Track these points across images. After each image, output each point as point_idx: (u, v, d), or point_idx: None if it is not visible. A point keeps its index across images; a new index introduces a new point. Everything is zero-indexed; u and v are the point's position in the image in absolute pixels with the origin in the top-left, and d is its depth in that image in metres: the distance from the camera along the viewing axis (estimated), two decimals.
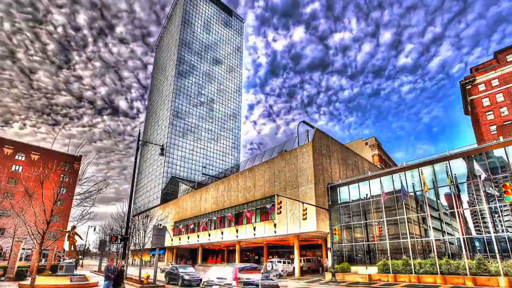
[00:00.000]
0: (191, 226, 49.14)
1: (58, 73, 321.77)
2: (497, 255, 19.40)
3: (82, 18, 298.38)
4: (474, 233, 21.47)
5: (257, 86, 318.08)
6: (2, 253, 46.02)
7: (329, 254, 29.11)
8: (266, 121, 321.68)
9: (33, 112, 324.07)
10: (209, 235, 44.25)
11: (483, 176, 20.50)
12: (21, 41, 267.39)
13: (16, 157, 59.96)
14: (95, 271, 40.35)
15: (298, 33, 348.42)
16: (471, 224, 21.76)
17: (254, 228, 35.72)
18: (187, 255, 62.36)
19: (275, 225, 32.77)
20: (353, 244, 28.54)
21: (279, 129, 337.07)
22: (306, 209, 25.84)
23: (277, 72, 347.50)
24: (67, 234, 26.18)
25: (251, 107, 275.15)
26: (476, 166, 21.01)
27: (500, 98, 52.83)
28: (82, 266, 61.11)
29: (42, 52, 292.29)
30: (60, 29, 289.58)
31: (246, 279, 13.31)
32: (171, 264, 43.29)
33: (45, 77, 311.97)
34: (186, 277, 21.72)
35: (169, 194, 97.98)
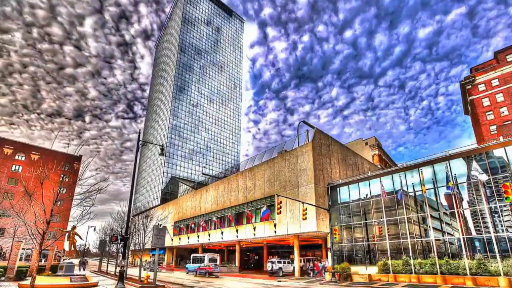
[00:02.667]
0: (191, 226, 49.15)
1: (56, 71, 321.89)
2: (497, 255, 19.41)
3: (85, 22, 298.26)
4: (474, 233, 21.47)
5: (258, 86, 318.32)
6: (2, 253, 46.04)
7: (329, 254, 29.12)
8: (266, 121, 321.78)
9: (33, 113, 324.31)
10: (209, 235, 44.25)
11: (482, 178, 20.51)
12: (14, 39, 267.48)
13: (16, 157, 59.98)
14: (95, 271, 40.36)
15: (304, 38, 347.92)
16: (471, 224, 21.76)
17: (254, 228, 35.72)
18: (187, 255, 62.36)
19: (275, 225, 32.77)
20: (353, 244, 28.54)
21: (279, 129, 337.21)
22: (306, 209, 25.85)
23: (278, 73, 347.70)
24: (67, 234, 26.19)
25: (251, 107, 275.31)
26: (474, 169, 21.01)
27: (500, 98, 52.83)
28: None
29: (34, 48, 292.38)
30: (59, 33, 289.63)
31: None
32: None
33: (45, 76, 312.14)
34: None
35: (169, 194, 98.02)
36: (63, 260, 36.08)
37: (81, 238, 27.52)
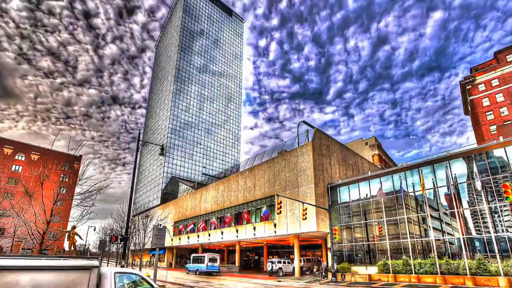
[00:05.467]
0: (191, 226, 49.16)
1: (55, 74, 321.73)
2: (497, 255, 19.41)
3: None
4: (474, 233, 21.48)
5: (258, 86, 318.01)
6: (2, 253, 46.04)
7: (329, 254, 29.12)
8: (267, 121, 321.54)
9: (33, 113, 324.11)
10: (209, 235, 44.25)
11: (479, 182, 20.53)
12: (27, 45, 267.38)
13: (16, 157, 59.98)
14: None
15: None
16: (471, 224, 21.77)
17: (254, 228, 35.73)
18: (187, 255, 62.36)
19: (275, 225, 32.77)
20: (353, 244, 28.54)
21: (280, 128, 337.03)
22: (306, 209, 25.85)
23: (279, 73, 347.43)
24: (67, 234, 26.17)
25: (252, 106, 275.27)
26: (476, 172, 21.02)
27: (500, 98, 52.84)
28: None
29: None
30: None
31: None
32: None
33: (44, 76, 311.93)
34: None
35: (169, 194, 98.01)
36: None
37: (81, 238, 27.49)
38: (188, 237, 49.84)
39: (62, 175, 34.65)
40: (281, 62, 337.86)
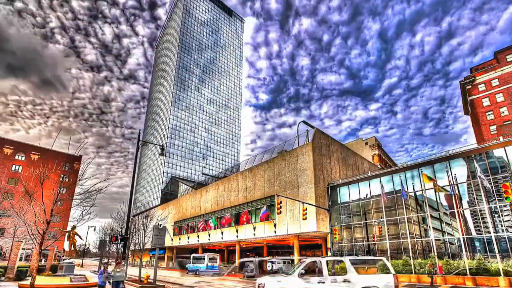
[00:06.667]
0: (191, 226, 49.15)
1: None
2: (497, 255, 19.41)
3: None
4: (474, 233, 21.48)
5: (258, 86, 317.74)
6: (2, 253, 46.07)
7: (329, 254, 29.11)
8: (267, 121, 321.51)
9: (33, 112, 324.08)
10: (209, 235, 44.25)
11: (484, 181, 20.51)
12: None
13: (16, 157, 59.98)
14: (95, 271, 40.33)
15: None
16: (471, 224, 21.76)
17: (254, 228, 35.72)
18: (187, 255, 62.34)
19: (275, 225, 32.77)
20: (353, 244, 28.53)
21: (280, 128, 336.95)
22: (306, 209, 25.85)
23: (280, 73, 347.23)
24: (67, 234, 26.19)
25: (252, 106, 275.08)
26: (479, 173, 21.01)
27: (500, 98, 52.83)
28: (82, 266, 61.12)
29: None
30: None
31: None
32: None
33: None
34: None
35: (169, 194, 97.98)
36: (63, 260, 36.09)
37: (81, 238, 27.53)
38: (188, 237, 49.84)
39: (62, 175, 34.66)
40: (340, 57, 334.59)
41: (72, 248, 25.99)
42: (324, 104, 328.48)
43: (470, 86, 57.26)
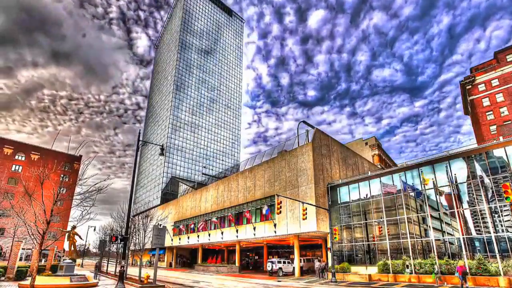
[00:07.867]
0: (191, 226, 49.15)
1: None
2: (497, 255, 19.41)
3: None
4: (474, 233, 21.48)
5: (258, 85, 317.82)
6: (2, 253, 46.08)
7: (329, 254, 29.11)
8: (267, 121, 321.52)
9: (33, 112, 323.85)
10: (209, 235, 44.25)
11: (488, 180, 20.51)
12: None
13: (16, 157, 59.98)
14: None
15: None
16: (471, 224, 21.76)
17: (254, 228, 35.72)
18: (187, 255, 62.37)
19: (275, 225, 32.77)
20: (353, 244, 28.54)
21: (280, 128, 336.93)
22: (306, 209, 25.84)
23: (279, 72, 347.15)
24: (67, 234, 26.17)
25: (252, 106, 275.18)
26: (480, 172, 21.01)
27: (500, 98, 52.83)
28: (82, 266, 61.13)
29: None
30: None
31: None
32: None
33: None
34: None
35: (169, 194, 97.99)
36: (63, 260, 36.07)
37: (81, 238, 27.49)
38: (188, 237, 49.85)
39: (62, 175, 34.62)
40: (400, 53, 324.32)
41: (72, 248, 25.96)
42: (369, 101, 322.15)
43: (470, 86, 57.25)
